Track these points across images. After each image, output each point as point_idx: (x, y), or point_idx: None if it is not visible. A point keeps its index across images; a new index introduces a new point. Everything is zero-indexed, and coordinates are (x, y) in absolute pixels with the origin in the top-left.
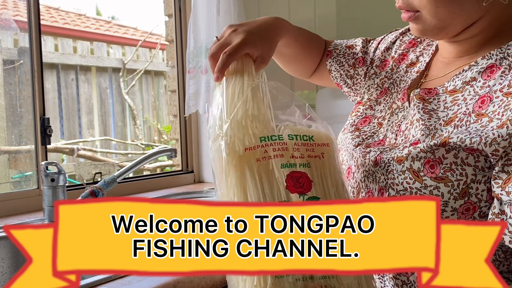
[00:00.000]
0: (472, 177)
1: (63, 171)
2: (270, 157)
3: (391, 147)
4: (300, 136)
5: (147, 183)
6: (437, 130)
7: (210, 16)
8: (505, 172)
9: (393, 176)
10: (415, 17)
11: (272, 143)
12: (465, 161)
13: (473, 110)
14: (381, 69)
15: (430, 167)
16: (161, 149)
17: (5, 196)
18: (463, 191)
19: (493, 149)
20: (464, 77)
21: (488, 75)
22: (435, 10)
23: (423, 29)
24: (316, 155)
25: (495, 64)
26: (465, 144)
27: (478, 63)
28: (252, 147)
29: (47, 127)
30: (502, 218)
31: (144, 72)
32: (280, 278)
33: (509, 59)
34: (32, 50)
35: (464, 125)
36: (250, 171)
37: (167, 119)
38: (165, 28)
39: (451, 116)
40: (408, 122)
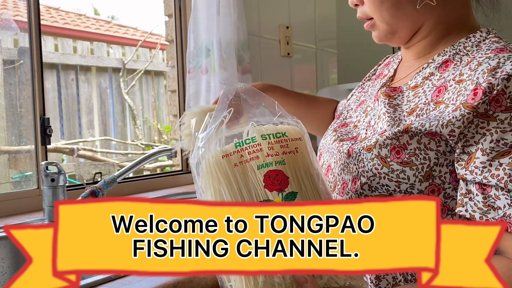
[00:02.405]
0: (434, 161)
1: (63, 171)
2: (247, 161)
3: (362, 140)
4: (273, 134)
5: (147, 183)
6: (401, 120)
7: (210, 16)
8: (465, 153)
9: (363, 164)
10: (371, 24)
11: (247, 146)
12: (428, 146)
13: (432, 99)
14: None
15: (396, 153)
16: (161, 149)
17: (5, 196)
18: (427, 174)
19: (450, 130)
20: (424, 74)
21: (444, 69)
22: (381, 15)
23: (379, 35)
24: (290, 151)
25: (449, 59)
26: (425, 128)
27: (435, 60)
28: (229, 153)
29: (47, 127)
30: (469, 197)
31: (144, 72)
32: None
33: (460, 54)
34: (32, 50)
35: (424, 113)
36: (226, 178)
37: (167, 119)
38: (165, 28)
39: (413, 107)
40: (376, 116)
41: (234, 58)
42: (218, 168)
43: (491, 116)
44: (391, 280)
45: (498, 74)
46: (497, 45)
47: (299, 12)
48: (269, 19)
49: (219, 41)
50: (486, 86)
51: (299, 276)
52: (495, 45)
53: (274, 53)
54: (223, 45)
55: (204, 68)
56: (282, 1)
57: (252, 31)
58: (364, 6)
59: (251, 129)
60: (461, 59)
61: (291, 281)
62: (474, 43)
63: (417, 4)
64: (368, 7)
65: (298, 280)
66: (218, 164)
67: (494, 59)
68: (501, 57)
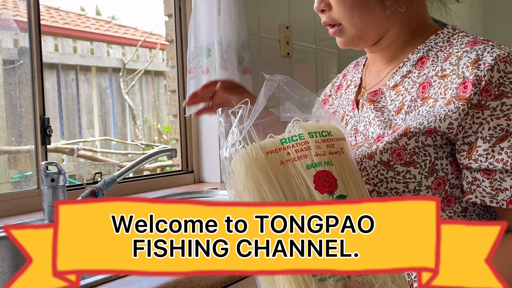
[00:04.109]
0: (434, 155)
1: (63, 171)
2: (294, 159)
3: (356, 147)
4: (319, 133)
5: (147, 183)
6: (391, 120)
7: (210, 16)
8: (466, 144)
9: (367, 172)
10: (339, 30)
11: (294, 144)
12: (425, 143)
13: (417, 96)
14: (322, 107)
15: (397, 155)
16: (161, 149)
17: (5, 196)
18: (431, 169)
19: (448, 123)
20: (401, 72)
21: (421, 66)
22: (352, 20)
23: (345, 40)
24: (336, 151)
25: (423, 56)
26: (423, 126)
27: (410, 59)
28: (273, 150)
29: (47, 127)
30: (476, 184)
31: (144, 72)
32: (323, 281)
33: (433, 50)
34: (32, 50)
35: (413, 110)
36: (267, 177)
37: (167, 119)
38: (165, 28)
39: (399, 105)
40: (366, 123)
41: (234, 58)
42: (258, 166)
43: (484, 106)
44: (406, 277)
45: (481, 66)
46: (467, 38)
47: (299, 12)
48: (269, 19)
49: (220, 41)
50: (474, 79)
51: (351, 284)
52: (466, 39)
53: (274, 53)
54: (223, 45)
55: (205, 68)
56: (282, 1)
57: (252, 31)
58: (332, 12)
59: (295, 126)
60: (436, 55)
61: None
62: (444, 39)
63: (386, 9)
64: (337, 12)
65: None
66: (258, 161)
67: (471, 52)
68: (478, 49)
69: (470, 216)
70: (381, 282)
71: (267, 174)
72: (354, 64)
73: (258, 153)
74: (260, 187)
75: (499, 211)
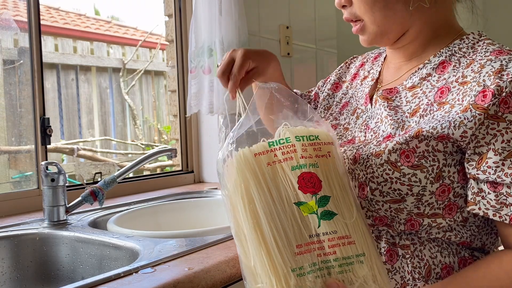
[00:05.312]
0: (443, 162)
1: (63, 171)
2: (280, 161)
3: (364, 144)
4: (307, 137)
5: (147, 183)
6: (405, 122)
7: (212, 16)
8: (476, 154)
9: (372, 170)
10: (361, 27)
11: (281, 146)
12: (436, 148)
13: (435, 100)
14: (333, 91)
15: (405, 157)
16: (161, 149)
17: (5, 196)
18: (437, 175)
19: (462, 131)
20: (420, 74)
21: (441, 70)
22: (373, 16)
23: (368, 38)
24: (323, 154)
25: (445, 60)
26: (437, 130)
27: (431, 61)
28: (261, 152)
29: (47, 127)
30: (482, 195)
31: (144, 72)
32: (301, 276)
33: (456, 55)
34: (32, 50)
35: (428, 114)
36: (255, 177)
37: (167, 119)
38: (165, 28)
39: (415, 108)
40: (378, 120)
41: None
42: (247, 167)
43: (501, 118)
44: (400, 279)
45: (504, 76)
46: (493, 47)
47: (299, 12)
48: (269, 19)
49: (221, 41)
50: (495, 89)
51: (331, 282)
52: (491, 47)
53: (274, 53)
54: (225, 44)
55: (207, 68)
56: (282, 1)
57: (252, 31)
58: (353, 7)
59: (284, 130)
60: (459, 60)
61: (322, 286)
62: (469, 44)
63: (409, 5)
64: (358, 7)
65: (330, 285)
66: (247, 162)
67: (496, 61)
68: (502, 59)
69: (470, 227)
70: (361, 281)
71: (255, 174)
72: (375, 54)
73: (247, 155)
74: (249, 185)
75: (500, 226)
